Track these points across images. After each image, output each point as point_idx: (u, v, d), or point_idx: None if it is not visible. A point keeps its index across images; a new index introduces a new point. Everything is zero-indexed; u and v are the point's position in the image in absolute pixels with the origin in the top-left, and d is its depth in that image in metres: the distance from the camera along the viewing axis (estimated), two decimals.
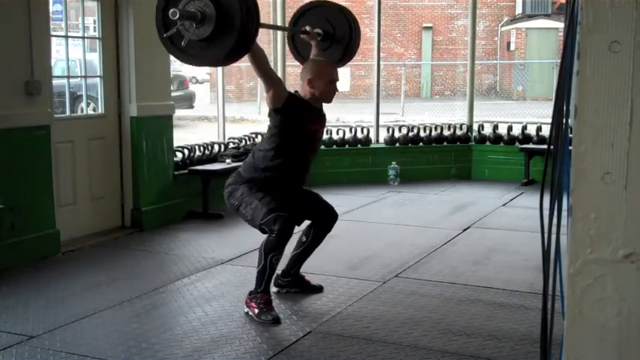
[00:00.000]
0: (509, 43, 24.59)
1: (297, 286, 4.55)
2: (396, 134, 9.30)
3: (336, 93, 4.29)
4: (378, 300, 4.42)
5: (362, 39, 4.74)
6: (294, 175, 4.27)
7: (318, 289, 4.58)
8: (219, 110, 8.62)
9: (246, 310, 4.19)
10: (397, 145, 9.19)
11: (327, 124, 4.59)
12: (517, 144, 8.98)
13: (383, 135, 9.39)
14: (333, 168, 8.79)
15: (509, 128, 9.26)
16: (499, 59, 25.04)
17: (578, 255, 1.62)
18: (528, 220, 6.57)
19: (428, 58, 25.04)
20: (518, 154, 8.80)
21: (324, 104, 4.31)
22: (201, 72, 23.52)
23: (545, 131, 8.67)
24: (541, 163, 7.81)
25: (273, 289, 4.46)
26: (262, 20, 3.86)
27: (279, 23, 8.80)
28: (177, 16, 3.27)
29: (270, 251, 4.04)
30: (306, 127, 4.16)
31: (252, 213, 4.10)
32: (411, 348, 3.63)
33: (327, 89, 4.18)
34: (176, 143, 6.93)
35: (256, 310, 4.09)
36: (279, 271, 4.39)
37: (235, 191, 4.20)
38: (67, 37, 6.00)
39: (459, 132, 9.44)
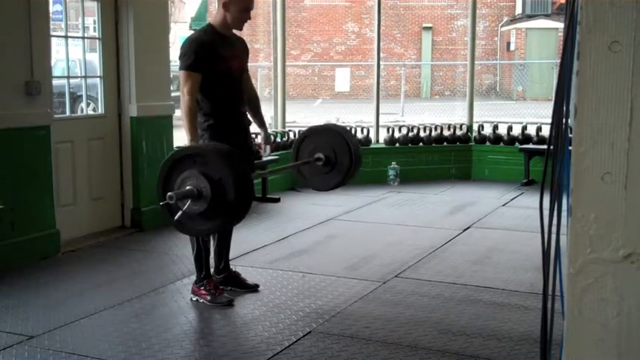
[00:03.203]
0: (509, 43, 24.58)
1: (232, 284, 4.58)
2: (396, 134, 9.30)
3: (249, 21, 4.43)
4: (378, 300, 4.42)
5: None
6: (230, 103, 4.37)
7: (253, 288, 4.60)
8: None
9: (194, 298, 4.35)
10: (397, 145, 9.19)
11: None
12: (517, 144, 8.98)
13: (383, 135, 9.39)
14: None
15: (509, 128, 9.25)
16: (499, 59, 25.03)
17: (578, 255, 1.62)
18: (528, 220, 6.57)
19: (428, 59, 25.02)
20: (518, 154, 8.80)
21: None
22: None
23: (545, 131, 8.66)
24: (541, 163, 7.81)
25: None
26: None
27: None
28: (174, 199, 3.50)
29: None
30: (221, 65, 4.26)
31: None
32: (410, 348, 3.63)
33: (239, 16, 4.30)
34: (176, 143, 6.93)
35: (208, 297, 4.29)
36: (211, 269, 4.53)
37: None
38: (67, 37, 5.99)
39: (458, 132, 9.44)
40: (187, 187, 3.51)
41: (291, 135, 8.76)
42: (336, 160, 4.83)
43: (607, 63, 1.56)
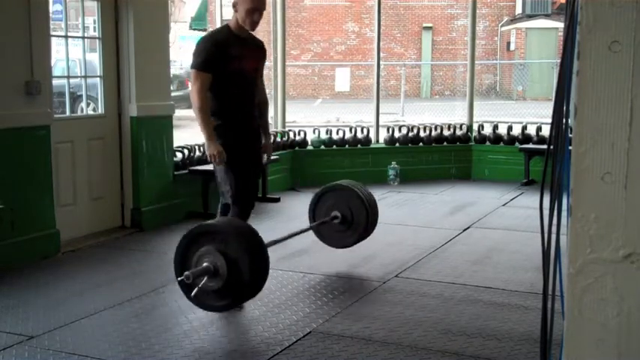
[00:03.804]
0: (509, 43, 24.57)
1: None
2: (396, 134, 9.30)
3: (259, 22, 4.42)
4: (378, 300, 4.42)
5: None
6: (241, 104, 4.43)
7: None
8: None
9: None
10: (397, 145, 9.19)
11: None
12: (517, 144, 8.98)
13: (383, 135, 9.39)
14: (333, 168, 8.77)
15: (509, 128, 9.25)
16: (499, 59, 25.03)
17: (578, 255, 1.62)
18: (528, 220, 6.57)
19: (428, 58, 25.02)
20: (518, 154, 8.80)
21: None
22: None
23: (545, 131, 8.66)
24: (541, 163, 7.81)
25: None
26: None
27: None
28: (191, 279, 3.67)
29: None
30: (232, 65, 4.30)
31: (221, 178, 4.47)
32: (410, 348, 3.63)
33: (246, 17, 4.31)
34: (176, 143, 6.93)
35: None
36: None
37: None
38: (67, 37, 5.99)
39: (458, 132, 9.44)
40: (204, 265, 3.63)
41: (291, 135, 8.77)
42: (352, 217, 5.02)
43: (607, 63, 1.56)
